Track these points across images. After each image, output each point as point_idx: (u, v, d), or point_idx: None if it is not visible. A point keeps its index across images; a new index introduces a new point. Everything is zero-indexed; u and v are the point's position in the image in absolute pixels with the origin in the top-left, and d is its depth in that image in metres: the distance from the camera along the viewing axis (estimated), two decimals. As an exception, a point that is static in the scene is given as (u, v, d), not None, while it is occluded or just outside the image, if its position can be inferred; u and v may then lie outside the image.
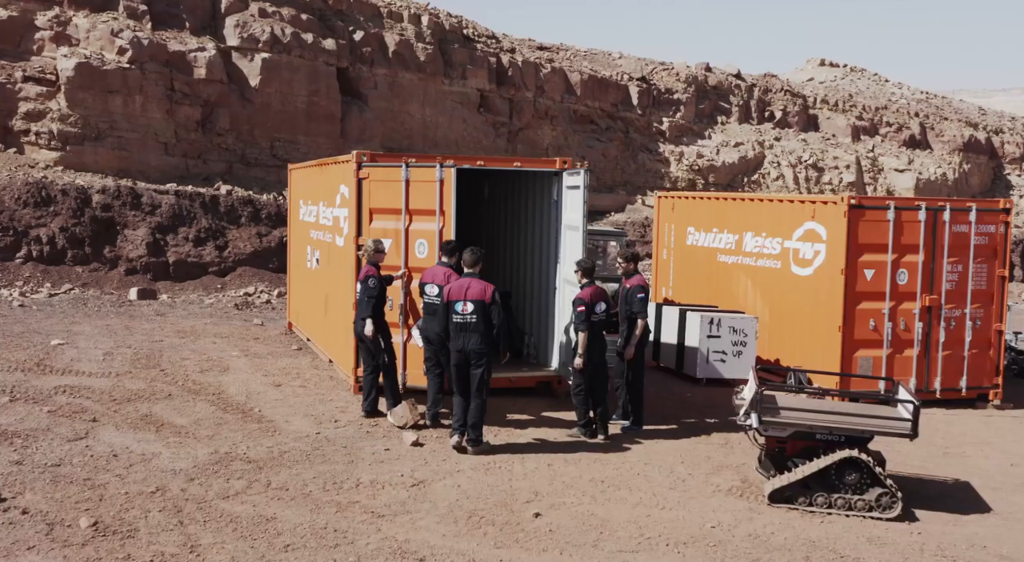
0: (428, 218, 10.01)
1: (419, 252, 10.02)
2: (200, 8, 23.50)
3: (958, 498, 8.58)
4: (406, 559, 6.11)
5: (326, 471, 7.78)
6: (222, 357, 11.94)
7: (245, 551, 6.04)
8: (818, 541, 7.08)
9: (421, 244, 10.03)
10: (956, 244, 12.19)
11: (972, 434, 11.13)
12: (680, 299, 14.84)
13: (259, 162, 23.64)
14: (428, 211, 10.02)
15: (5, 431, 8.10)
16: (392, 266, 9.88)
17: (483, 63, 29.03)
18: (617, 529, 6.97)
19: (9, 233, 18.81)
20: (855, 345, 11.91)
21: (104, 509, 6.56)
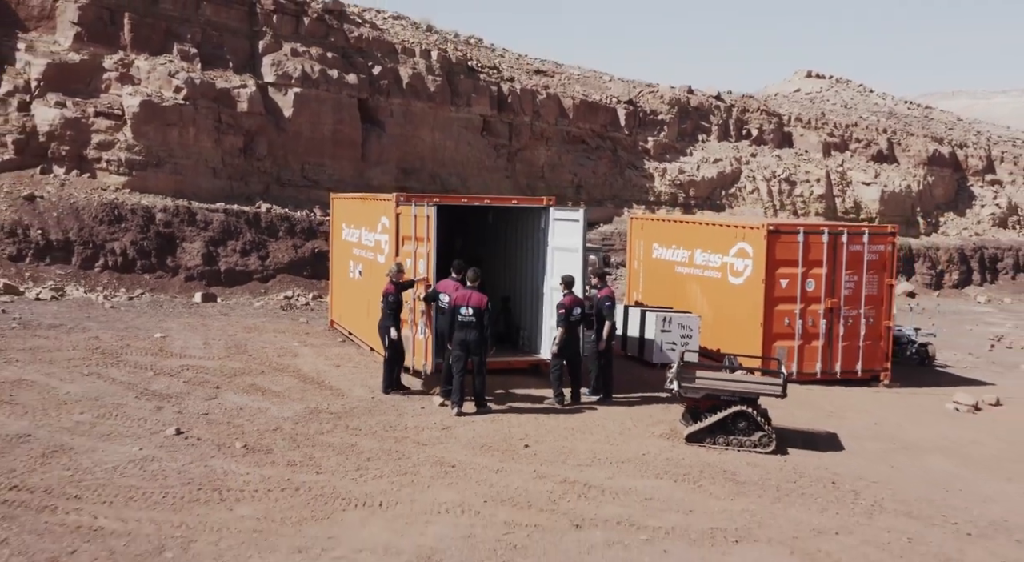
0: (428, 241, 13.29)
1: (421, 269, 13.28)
2: (241, 50, 27.14)
3: (823, 443, 12.20)
4: (443, 466, 9.73)
5: (383, 420, 11.40)
6: (289, 346, 15.58)
7: (342, 462, 9.66)
8: (713, 463, 10.69)
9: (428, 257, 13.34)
10: (852, 260, 15.82)
11: (857, 404, 14.76)
12: (648, 302, 18.45)
13: (292, 183, 27.27)
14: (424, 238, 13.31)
15: (162, 394, 11.72)
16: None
17: (485, 92, 32.67)
18: (579, 454, 10.60)
19: (89, 246, 22.43)
20: (773, 337, 15.56)
21: (247, 438, 10.18)
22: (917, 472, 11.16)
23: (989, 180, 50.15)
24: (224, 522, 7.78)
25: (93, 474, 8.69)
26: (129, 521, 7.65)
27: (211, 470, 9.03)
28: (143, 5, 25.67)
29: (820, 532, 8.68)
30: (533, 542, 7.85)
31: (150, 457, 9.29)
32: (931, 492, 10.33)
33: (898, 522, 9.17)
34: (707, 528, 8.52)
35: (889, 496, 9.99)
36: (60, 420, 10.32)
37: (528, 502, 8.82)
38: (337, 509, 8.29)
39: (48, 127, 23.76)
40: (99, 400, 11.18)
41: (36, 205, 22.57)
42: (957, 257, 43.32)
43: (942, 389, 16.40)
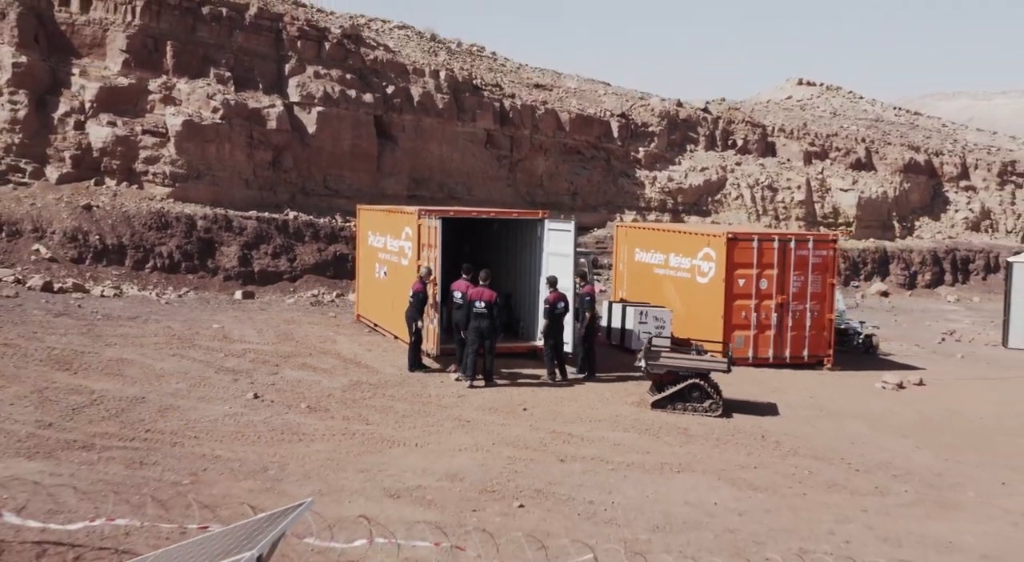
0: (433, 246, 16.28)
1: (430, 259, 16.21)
2: (270, 73, 30.14)
3: (763, 410, 15.17)
4: (461, 421, 12.70)
5: (411, 390, 14.39)
6: (327, 335, 18.58)
7: (384, 417, 12.63)
8: (670, 422, 13.66)
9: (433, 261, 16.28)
10: (799, 263, 18.80)
11: (799, 383, 17.73)
12: (631, 298, 21.40)
13: (315, 192, 30.27)
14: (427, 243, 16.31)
15: (234, 370, 14.71)
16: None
17: (489, 108, 35.67)
18: (565, 415, 13.58)
19: (140, 250, 25.43)
20: (732, 327, 18.53)
21: (308, 401, 13.16)
22: (832, 431, 14.15)
23: (963, 186, 53.13)
24: (305, 453, 10.76)
25: (201, 423, 11.67)
26: (238, 452, 10.64)
27: (287, 421, 12.02)
28: (183, 33, 28.68)
29: (743, 467, 11.66)
30: (528, 469, 10.82)
31: (239, 413, 12.28)
32: (839, 444, 13.31)
33: (805, 462, 12.15)
34: (658, 463, 11.50)
35: (804, 446, 12.97)
36: (162, 387, 13.31)
37: (525, 444, 11.81)
38: (385, 447, 11.27)
39: (101, 144, 26.77)
40: (188, 374, 14.17)
41: (93, 213, 25.58)
42: (930, 259, 46.31)
43: (878, 372, 19.35)
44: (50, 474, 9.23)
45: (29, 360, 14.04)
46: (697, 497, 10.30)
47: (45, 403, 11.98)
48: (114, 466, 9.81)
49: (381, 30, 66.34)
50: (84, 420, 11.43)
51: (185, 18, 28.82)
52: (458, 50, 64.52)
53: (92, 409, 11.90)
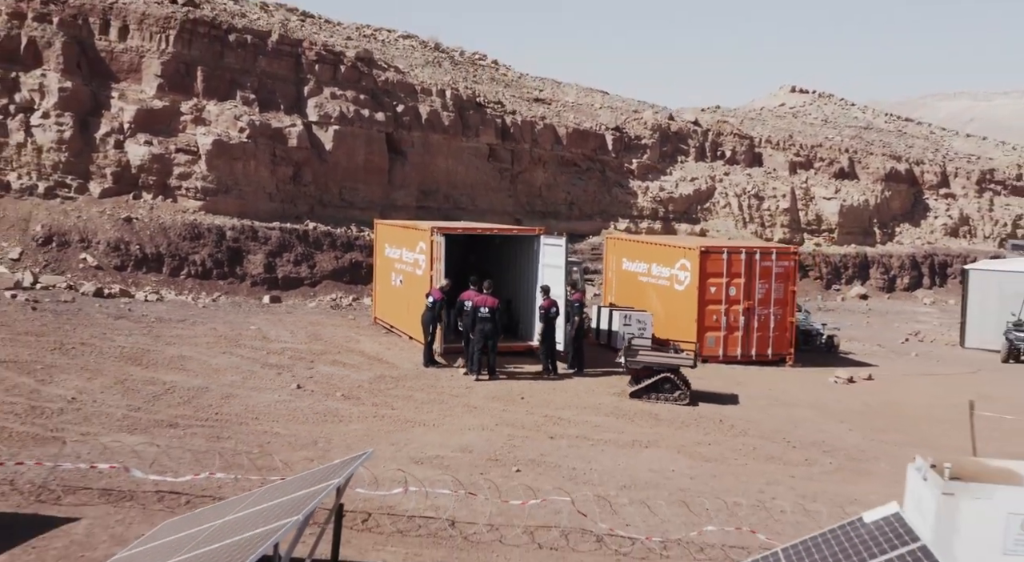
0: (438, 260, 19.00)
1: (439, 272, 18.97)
2: (290, 94, 32.80)
3: (725, 400, 17.79)
4: (469, 407, 15.34)
5: (427, 382, 17.03)
6: (350, 335, 21.23)
7: (406, 404, 15.27)
8: (644, 409, 16.29)
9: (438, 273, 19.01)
10: (764, 272, 21.43)
11: (762, 378, 20.35)
12: (619, 303, 24.02)
13: (332, 204, 32.91)
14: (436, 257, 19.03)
15: (277, 365, 17.36)
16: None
17: (491, 124, 38.31)
18: (556, 403, 16.22)
19: (175, 258, 28.07)
20: (705, 329, 21.16)
21: (343, 391, 15.80)
22: (781, 417, 16.78)
23: (943, 194, 55.70)
24: (345, 431, 13.41)
25: (258, 408, 14.32)
26: (291, 430, 13.28)
27: (327, 407, 14.67)
28: (212, 59, 31.33)
29: (699, 444, 14.29)
30: (524, 444, 13.45)
31: (287, 400, 14.93)
32: (784, 427, 15.94)
33: (752, 440, 14.79)
34: (630, 440, 14.13)
35: (753, 428, 15.61)
36: (220, 379, 15.96)
37: (522, 425, 14.45)
38: (408, 427, 13.92)
39: (139, 161, 29.43)
40: (239, 368, 16.83)
41: (133, 225, 28.24)
42: (909, 263, 48.92)
43: (833, 369, 21.94)
44: (150, 444, 11.87)
45: (105, 357, 16.71)
46: (659, 466, 12.94)
47: (128, 392, 14.64)
48: (197, 440, 12.46)
49: (387, 40, 69.18)
50: (164, 405, 14.09)
51: (214, 45, 31.48)
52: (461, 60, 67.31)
53: (168, 396, 14.56)
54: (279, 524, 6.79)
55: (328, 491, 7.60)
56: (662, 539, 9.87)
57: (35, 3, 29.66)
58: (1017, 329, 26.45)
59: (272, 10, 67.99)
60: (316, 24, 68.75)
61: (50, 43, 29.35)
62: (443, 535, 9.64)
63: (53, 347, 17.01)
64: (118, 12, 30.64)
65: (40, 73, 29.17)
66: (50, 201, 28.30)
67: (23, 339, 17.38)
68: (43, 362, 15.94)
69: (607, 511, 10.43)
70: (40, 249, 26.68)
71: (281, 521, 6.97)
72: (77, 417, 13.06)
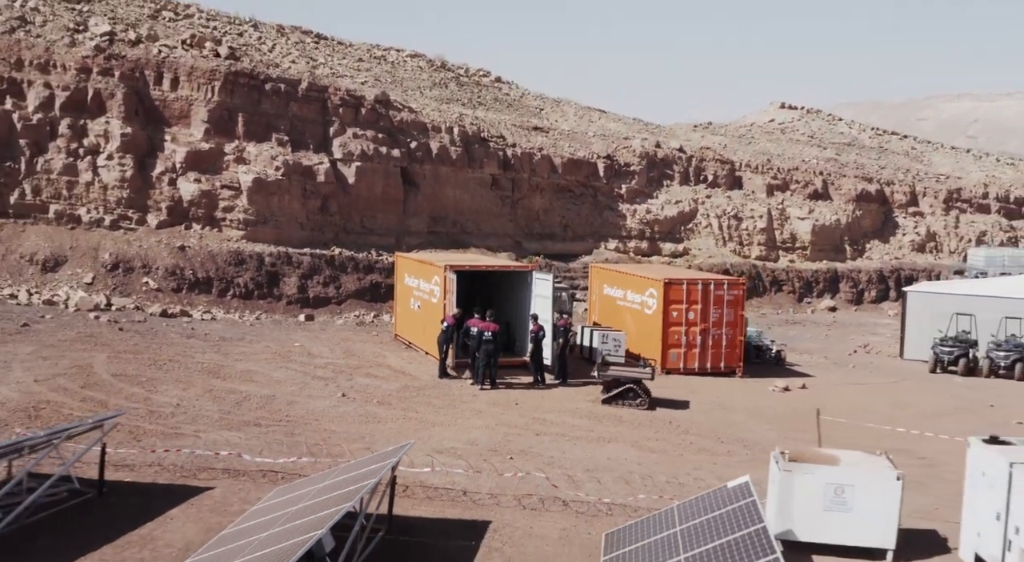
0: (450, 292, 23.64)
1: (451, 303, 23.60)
2: (318, 135, 37.46)
3: (679, 406, 22.39)
4: (475, 411, 19.97)
5: (442, 391, 21.68)
6: (377, 351, 25.86)
7: (427, 408, 19.91)
8: (611, 413, 20.89)
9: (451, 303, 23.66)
10: (717, 300, 26.01)
11: (713, 387, 24.92)
12: (602, 323, 28.61)
13: (354, 231, 37.56)
14: (448, 289, 23.67)
15: (324, 377, 22.01)
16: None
17: (494, 156, 42.95)
18: (544, 407, 20.85)
19: (222, 281, 32.72)
20: (669, 346, 25.75)
21: (378, 398, 20.44)
22: (720, 419, 21.36)
23: (912, 212, 60.28)
24: (383, 429, 18.02)
25: (315, 412, 18.94)
26: (343, 428, 17.90)
27: (368, 411, 19.29)
28: (251, 106, 36.02)
29: (649, 439, 18.89)
30: (517, 439, 18.05)
31: (336, 405, 19.56)
32: (719, 427, 20.52)
33: (691, 437, 19.36)
34: (596, 437, 18.73)
35: (695, 428, 20.19)
36: (282, 389, 20.60)
37: (516, 425, 19.06)
38: (429, 426, 18.53)
39: (189, 196, 34.11)
40: (295, 380, 21.48)
41: (186, 252, 32.92)
42: (876, 277, 53.51)
43: (776, 379, 26.51)
44: (245, 439, 16.50)
45: (191, 371, 21.37)
46: (615, 456, 17.53)
47: (216, 399, 19.29)
48: (277, 435, 17.09)
49: (396, 61, 74.03)
50: (246, 409, 18.73)
51: (252, 94, 36.16)
52: (467, 81, 72.08)
53: (247, 403, 19.21)
54: (361, 485, 11.37)
55: (387, 468, 12.23)
56: (608, 503, 14.47)
57: (99, 59, 34.35)
58: (942, 344, 31.01)
59: (288, 32, 73.05)
60: (330, 46, 73.81)
61: (112, 94, 34.04)
62: (458, 500, 14.22)
63: (149, 363, 21.68)
64: (170, 65, 35.32)
65: (104, 120, 33.87)
66: (115, 232, 32.99)
67: (124, 357, 22.05)
68: (145, 375, 20.60)
69: (572, 485, 15.05)
70: (109, 274, 31.38)
71: (361, 484, 11.56)
72: (186, 418, 17.70)
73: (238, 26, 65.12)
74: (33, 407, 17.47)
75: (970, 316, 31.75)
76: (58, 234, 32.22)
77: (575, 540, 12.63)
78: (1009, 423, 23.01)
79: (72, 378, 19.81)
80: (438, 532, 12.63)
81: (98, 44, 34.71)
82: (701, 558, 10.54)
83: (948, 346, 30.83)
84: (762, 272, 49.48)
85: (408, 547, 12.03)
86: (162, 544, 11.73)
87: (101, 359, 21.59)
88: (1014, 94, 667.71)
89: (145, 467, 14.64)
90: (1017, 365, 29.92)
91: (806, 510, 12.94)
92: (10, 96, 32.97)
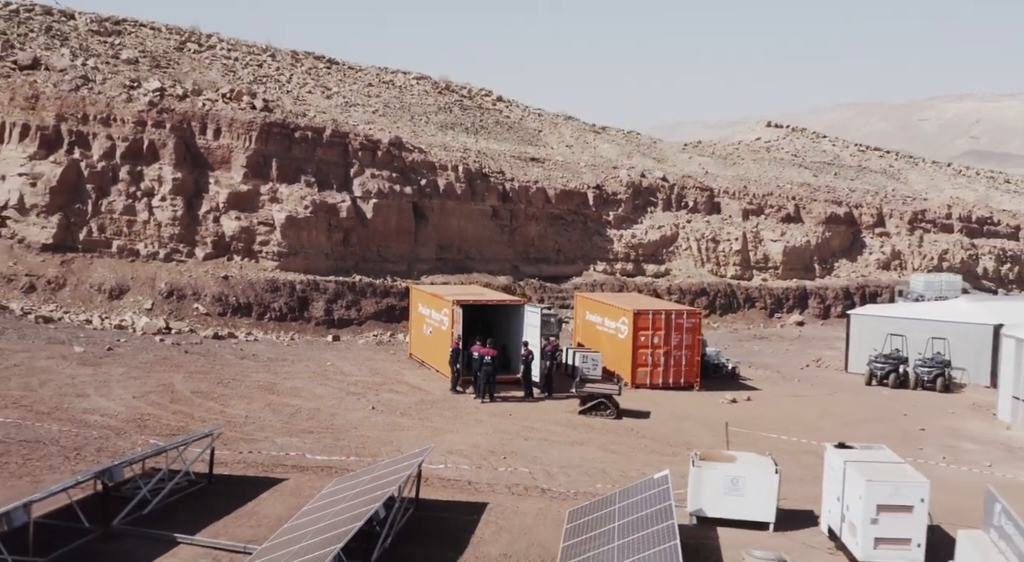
0: (457, 323, 29.08)
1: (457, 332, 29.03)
2: (340, 176, 42.90)
3: (641, 415, 27.78)
4: (478, 420, 25.38)
5: (451, 405, 27.09)
6: (395, 369, 31.27)
7: (440, 419, 25.32)
8: (586, 422, 26.29)
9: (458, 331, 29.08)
10: (677, 327, 31.38)
11: (673, 399, 30.28)
12: (585, 344, 33.99)
13: (372, 260, 42.97)
14: (456, 320, 29.11)
15: (356, 392, 27.42)
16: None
17: (495, 190, 48.36)
18: (532, 417, 26.27)
19: (260, 306, 38.13)
20: (638, 366, 31.15)
21: (401, 410, 25.86)
22: (673, 426, 26.72)
23: (879, 232, 65.58)
24: (407, 436, 23.41)
25: (353, 421, 24.34)
26: (376, 434, 23.30)
27: (394, 421, 24.70)
28: (283, 152, 41.46)
29: (613, 443, 24.26)
30: (510, 443, 23.43)
31: (369, 417, 24.96)
32: (671, 433, 25.89)
33: (647, 441, 24.72)
34: (571, 441, 24.12)
35: (651, 434, 25.58)
36: (325, 403, 26.00)
37: (509, 432, 24.46)
38: (442, 433, 23.93)
39: (231, 232, 39.53)
40: (333, 395, 26.89)
41: (229, 281, 38.36)
42: (842, 294, 58.83)
43: (727, 392, 31.85)
44: (304, 442, 21.90)
45: (250, 388, 26.80)
46: (585, 456, 22.90)
47: (275, 412, 24.70)
48: (327, 440, 22.49)
49: (404, 85, 79.64)
50: (299, 419, 24.14)
51: (284, 141, 41.59)
52: (470, 104, 77.66)
53: (299, 414, 24.62)
54: (398, 477, 16.77)
55: (415, 464, 17.64)
56: (574, 491, 19.84)
57: (152, 113, 39.81)
58: (876, 360, 36.35)
59: (301, 58, 78.60)
60: (341, 71, 79.42)
61: (164, 144, 39.50)
62: (464, 488, 19.60)
63: (216, 382, 27.12)
64: (213, 117, 40.78)
65: (158, 166, 39.31)
66: (168, 264, 38.43)
67: (196, 376, 27.50)
68: (216, 392, 26.03)
69: (548, 478, 20.45)
70: (165, 301, 36.84)
71: (397, 476, 16.96)
72: (255, 427, 23.11)
73: (257, 55, 70.78)
74: (139, 419, 22.88)
75: (902, 336, 37.11)
76: (121, 266, 37.68)
77: (548, 516, 18.02)
78: (913, 429, 28.48)
79: (161, 395, 25.23)
80: (451, 510, 18.02)
81: (151, 99, 40.16)
82: (628, 525, 15.93)
83: (881, 362, 36.17)
84: (736, 290, 54.84)
85: (430, 520, 17.42)
86: (262, 516, 17.10)
87: (179, 378, 27.02)
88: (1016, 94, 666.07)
89: (235, 464, 20.05)
90: (938, 379, 35.27)
91: (712, 494, 18.31)
92: (78, 147, 38.42)
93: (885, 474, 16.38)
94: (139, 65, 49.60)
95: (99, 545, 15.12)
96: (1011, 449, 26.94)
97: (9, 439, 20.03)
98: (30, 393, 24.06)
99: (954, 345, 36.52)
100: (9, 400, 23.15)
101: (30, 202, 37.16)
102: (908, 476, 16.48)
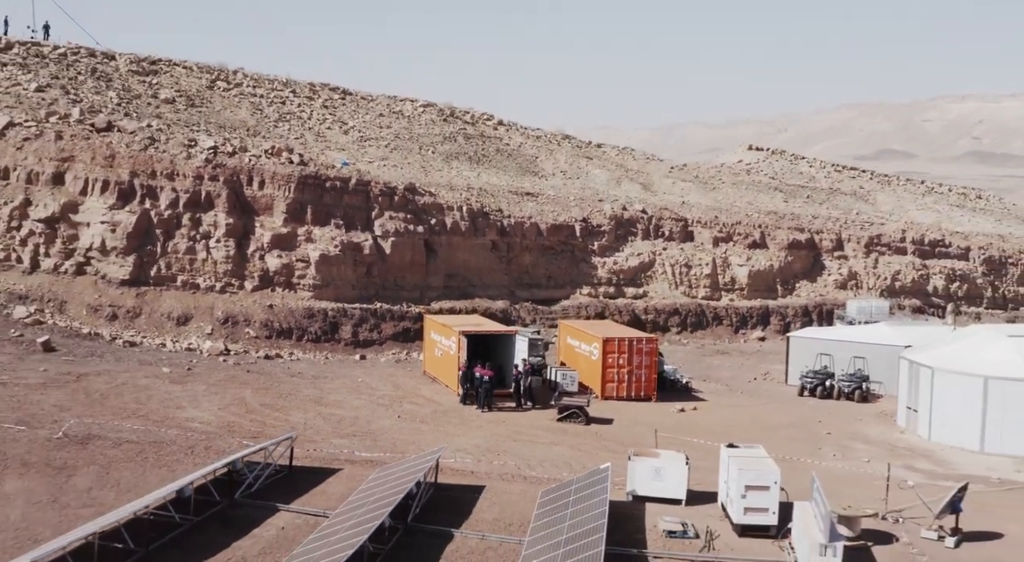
0: (462, 349, 37.02)
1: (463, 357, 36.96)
2: (363, 218, 50.86)
3: (605, 422, 35.71)
4: (479, 425, 33.33)
5: (460, 414, 35.06)
6: (415, 385, 39.23)
7: (451, 424, 33.28)
8: (562, 427, 34.22)
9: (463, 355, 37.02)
10: (638, 350, 39.31)
11: (633, 409, 38.18)
12: (566, 363, 41.93)
13: (390, 288, 50.93)
14: (461, 347, 37.05)
15: (384, 404, 35.38)
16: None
17: (494, 226, 56.31)
18: (521, 423, 34.23)
19: (299, 330, 46.09)
20: (607, 381, 39.10)
21: (420, 418, 33.81)
22: (629, 431, 34.60)
23: (837, 255, 73.38)
24: (426, 438, 31.33)
25: (383, 427, 32.27)
26: (403, 437, 31.23)
27: (415, 427, 32.65)
28: (316, 199, 49.44)
29: (579, 444, 32.17)
30: (504, 444, 31.33)
31: (396, 424, 32.90)
32: (628, 436, 33.74)
33: (606, 442, 32.63)
34: (549, 442, 32.06)
35: (611, 437, 33.48)
36: (360, 413, 33.96)
37: (503, 435, 32.39)
38: (452, 436, 31.85)
39: (274, 268, 47.51)
40: (367, 407, 34.87)
41: (273, 309, 46.36)
42: (801, 312, 66.68)
43: (679, 403, 39.70)
44: (351, 443, 29.84)
45: (303, 401, 34.75)
46: (557, 453, 30.80)
47: (325, 419, 32.65)
48: (367, 441, 30.44)
49: (412, 114, 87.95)
50: (343, 426, 32.08)
51: (317, 190, 49.56)
52: (473, 133, 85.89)
53: (344, 422, 32.56)
54: (423, 467, 24.82)
55: (434, 459, 25.66)
56: (548, 478, 27.73)
57: (208, 168, 47.80)
58: (806, 375, 44.26)
59: (318, 89, 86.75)
60: (355, 101, 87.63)
61: (219, 194, 47.48)
62: (469, 475, 27.48)
63: (277, 396, 35.08)
64: (258, 171, 48.77)
65: (213, 213, 47.29)
66: (223, 295, 46.41)
67: (261, 392, 35.47)
68: (278, 405, 33.99)
69: (529, 468, 28.37)
70: (222, 327, 44.84)
71: (422, 467, 24.98)
72: (313, 432, 31.03)
73: (279, 91, 78.90)
74: (227, 425, 30.81)
75: (829, 355, 45.02)
76: (185, 297, 45.64)
77: (528, 495, 25.92)
78: (821, 433, 36.40)
79: (238, 407, 33.19)
80: (459, 490, 25.96)
81: (206, 156, 48.12)
82: (578, 499, 23.85)
83: (811, 377, 44.08)
84: (706, 309, 62.73)
85: (445, 498, 25.35)
86: (329, 494, 24.99)
87: (249, 393, 35.00)
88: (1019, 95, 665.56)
89: (304, 458, 28.00)
90: (856, 391, 43.16)
91: (642, 480, 26.18)
92: (148, 198, 46.39)
93: (752, 464, 24.29)
94: (184, 112, 57.60)
95: (229, 511, 23.06)
96: (893, 449, 34.84)
97: (142, 441, 27.99)
98: (142, 405, 32.01)
99: (872, 363, 44.40)
100: (129, 412, 31.11)
101: (110, 245, 45.11)
102: (767, 466, 24.40)
